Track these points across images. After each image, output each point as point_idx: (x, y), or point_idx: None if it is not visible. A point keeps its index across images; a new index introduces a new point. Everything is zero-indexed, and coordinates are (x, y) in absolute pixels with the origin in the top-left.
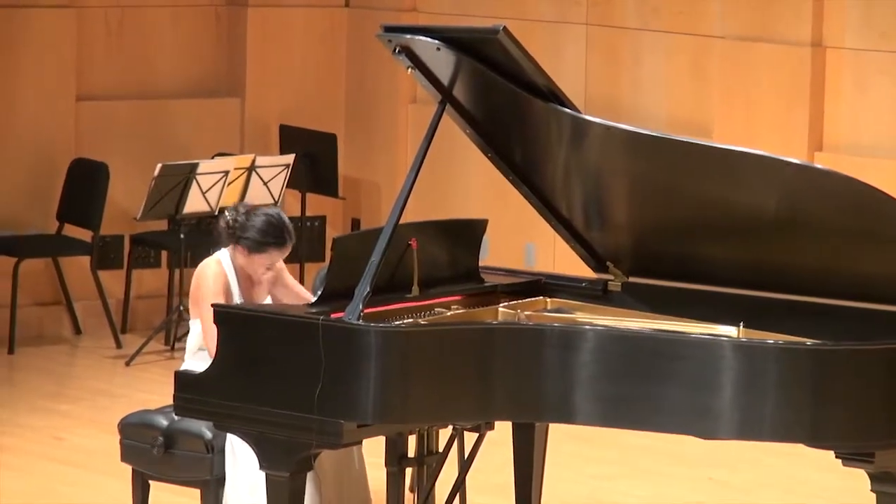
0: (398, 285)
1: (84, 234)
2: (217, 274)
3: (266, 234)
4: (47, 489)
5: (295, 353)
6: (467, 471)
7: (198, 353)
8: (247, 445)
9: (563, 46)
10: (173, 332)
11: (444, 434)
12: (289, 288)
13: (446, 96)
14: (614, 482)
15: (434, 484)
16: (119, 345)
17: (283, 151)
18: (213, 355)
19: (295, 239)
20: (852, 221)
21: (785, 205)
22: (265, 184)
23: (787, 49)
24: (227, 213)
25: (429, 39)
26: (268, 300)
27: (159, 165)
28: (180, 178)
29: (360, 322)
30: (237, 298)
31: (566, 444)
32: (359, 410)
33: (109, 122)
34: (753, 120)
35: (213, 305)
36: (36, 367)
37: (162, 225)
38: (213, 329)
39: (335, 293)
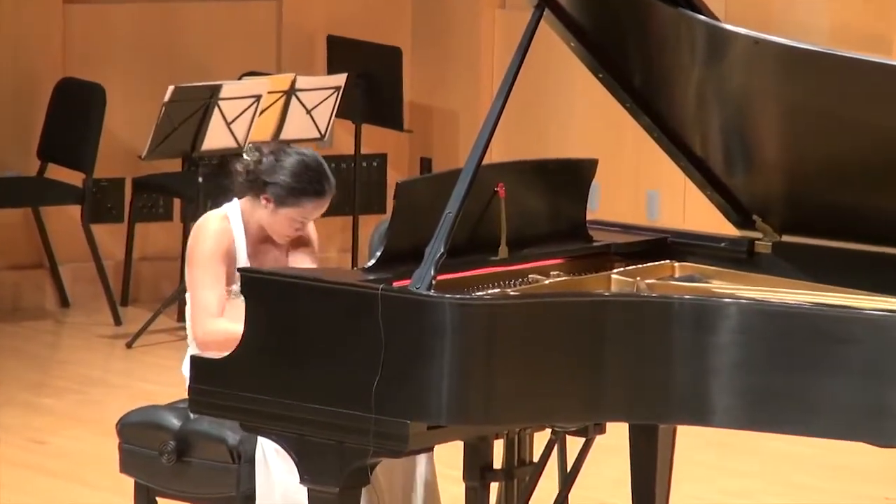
0: (480, 245)
1: (73, 178)
2: (220, 232)
3: (300, 179)
4: None
5: (347, 333)
6: (570, 486)
7: None
8: (283, 453)
9: None
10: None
11: (541, 439)
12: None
13: None
14: (758, 499)
15: (527, 503)
16: (118, 321)
17: (331, 71)
18: (204, 343)
19: (334, 189)
20: None
21: None
22: (308, 112)
23: None
24: (246, 155)
25: None
26: None
27: (171, 88)
28: (198, 105)
29: (432, 292)
30: (243, 265)
31: (697, 451)
32: (429, 407)
33: (106, 31)
34: None
35: (238, 270)
36: (11, 349)
37: (174, 165)
38: (204, 306)
39: (399, 255)
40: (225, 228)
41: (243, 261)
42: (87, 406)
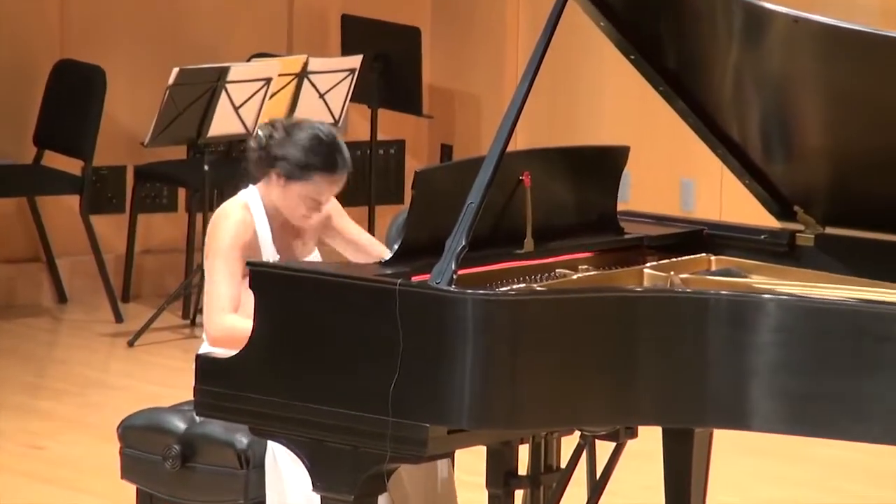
0: (504, 237)
1: (72, 166)
2: (240, 223)
3: (310, 153)
4: None
5: (362, 331)
6: (600, 494)
7: None
8: (295, 458)
9: None
10: (194, 302)
11: (568, 444)
12: (346, 235)
13: None
14: None
15: None
16: (119, 318)
17: (346, 52)
18: (214, 339)
19: (350, 167)
20: None
21: None
22: (321, 96)
23: None
24: (259, 131)
25: None
26: (316, 257)
27: (175, 70)
28: (204, 89)
29: (453, 287)
30: (270, 256)
31: (735, 457)
32: (450, 410)
33: (107, 10)
34: None
35: (248, 264)
36: (5, 348)
37: (179, 153)
38: (216, 302)
39: (418, 248)
40: (245, 219)
41: (269, 250)
42: (87, 409)
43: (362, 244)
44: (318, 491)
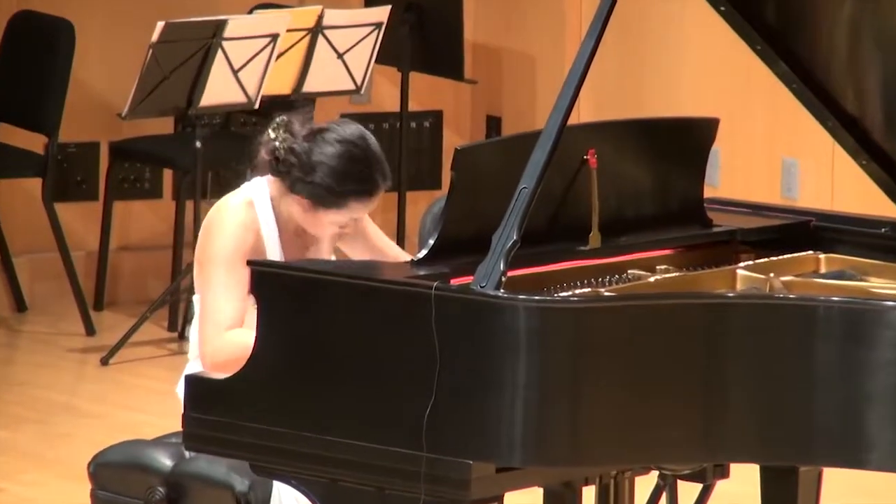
0: (565, 230)
1: (32, 142)
2: (244, 226)
3: (345, 178)
4: None
5: (390, 345)
6: None
7: None
8: (306, 502)
9: None
10: (182, 310)
11: (644, 484)
12: (370, 241)
13: None
14: None
15: None
16: (90, 330)
17: (370, 3)
18: (215, 365)
19: (390, 179)
20: None
21: None
22: (340, 56)
23: None
24: (273, 136)
25: None
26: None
27: (160, 25)
28: (196, 48)
29: (502, 292)
30: None
31: (847, 500)
32: (498, 443)
33: None
34: None
35: (249, 263)
36: None
37: (165, 126)
38: (215, 319)
39: (458, 243)
40: (250, 220)
41: (277, 257)
42: (52, 441)
43: (390, 257)
44: None
